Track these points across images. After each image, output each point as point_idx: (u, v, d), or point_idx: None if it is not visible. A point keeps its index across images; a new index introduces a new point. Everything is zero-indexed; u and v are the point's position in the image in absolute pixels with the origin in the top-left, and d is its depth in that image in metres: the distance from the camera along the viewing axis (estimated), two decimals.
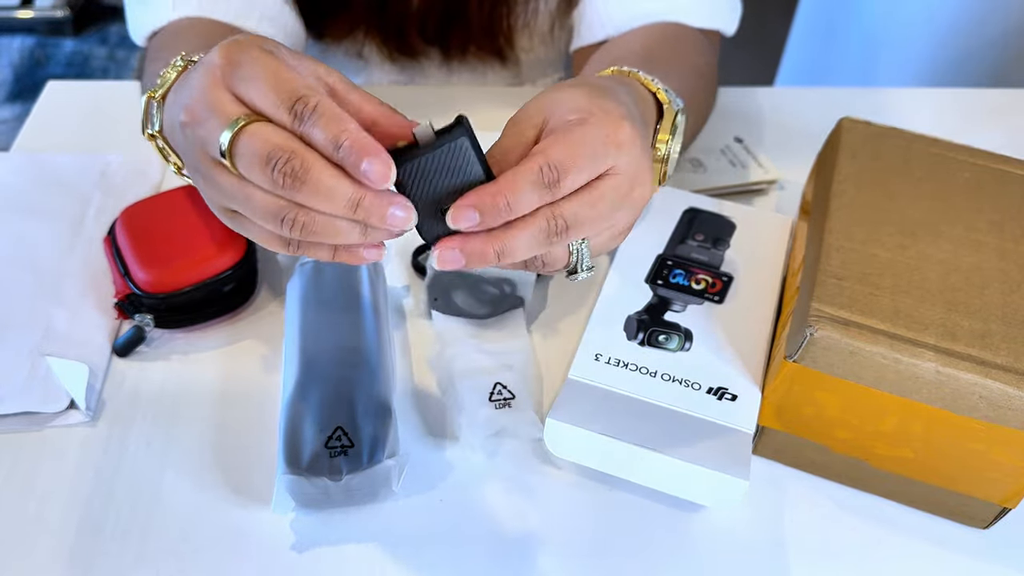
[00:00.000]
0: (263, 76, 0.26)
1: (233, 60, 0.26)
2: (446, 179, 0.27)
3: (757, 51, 1.22)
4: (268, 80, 0.26)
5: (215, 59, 0.27)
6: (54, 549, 0.33)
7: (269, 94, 0.26)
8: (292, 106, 0.25)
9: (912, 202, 0.38)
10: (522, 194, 0.26)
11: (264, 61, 0.26)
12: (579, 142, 0.27)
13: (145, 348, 0.41)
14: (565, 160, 0.27)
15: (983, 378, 0.31)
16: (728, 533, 0.35)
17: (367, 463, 0.34)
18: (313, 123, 0.25)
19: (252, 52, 0.26)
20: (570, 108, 0.29)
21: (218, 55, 0.27)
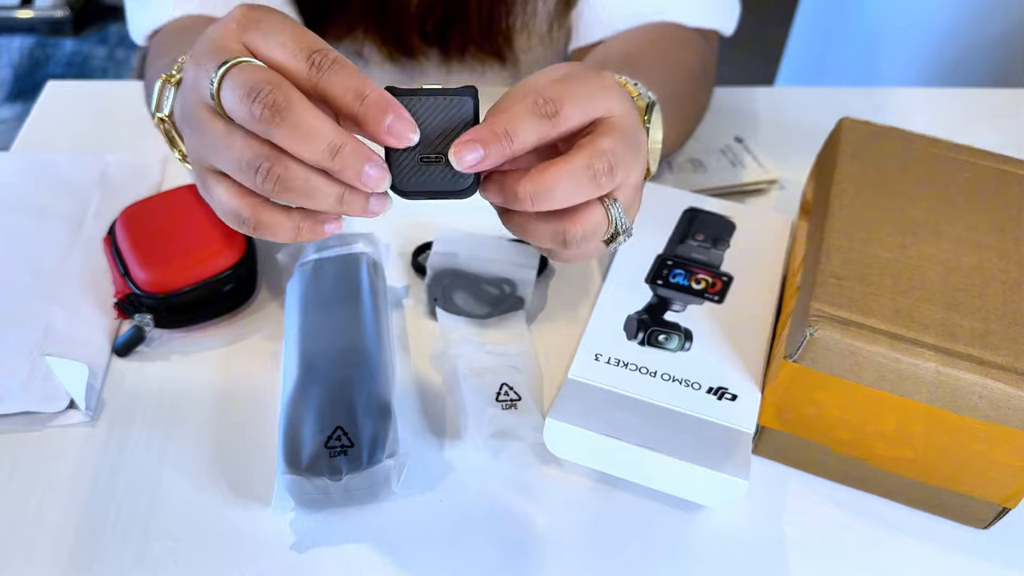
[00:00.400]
0: (282, 28, 0.26)
1: (252, 16, 0.26)
2: (440, 127, 0.27)
3: (757, 51, 1.22)
4: (287, 31, 0.26)
5: (233, 14, 0.27)
6: (54, 549, 0.33)
7: (288, 43, 0.26)
8: (309, 55, 0.25)
9: (912, 202, 0.38)
10: (519, 121, 0.26)
11: (283, 17, 0.26)
12: (569, 81, 0.27)
13: (145, 348, 0.41)
14: (557, 94, 0.27)
15: (983, 378, 0.31)
16: (728, 533, 0.35)
17: (367, 463, 0.34)
18: (335, 72, 0.25)
19: (271, 11, 0.26)
20: (551, 72, 0.29)
21: (237, 10, 0.27)
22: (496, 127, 0.26)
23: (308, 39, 0.26)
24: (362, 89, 0.25)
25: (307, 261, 0.42)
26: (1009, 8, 0.83)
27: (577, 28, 0.52)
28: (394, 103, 0.25)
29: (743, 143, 0.53)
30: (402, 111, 0.25)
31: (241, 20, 0.27)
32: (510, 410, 0.37)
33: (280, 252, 0.45)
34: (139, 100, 0.55)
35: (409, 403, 0.39)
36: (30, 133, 0.53)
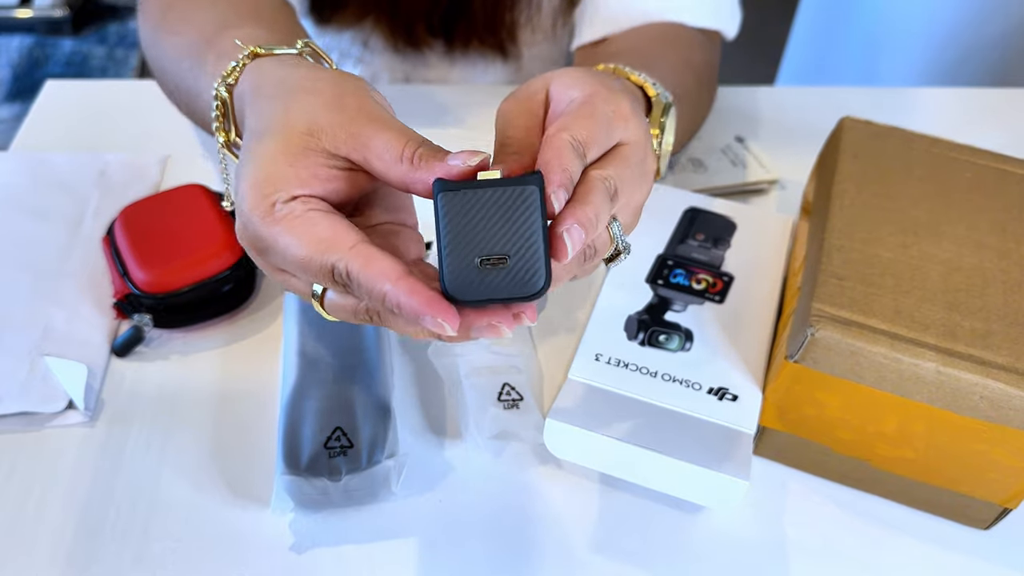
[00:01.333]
0: (287, 261, 0.25)
1: (256, 246, 0.26)
2: (500, 223, 0.24)
3: (758, 50, 1.21)
4: (292, 264, 0.25)
5: (241, 241, 0.27)
6: (52, 549, 0.33)
7: (306, 277, 0.26)
8: (333, 279, 0.25)
9: (913, 202, 0.38)
10: (575, 170, 0.25)
11: (277, 243, 0.25)
12: (592, 115, 0.27)
13: (144, 348, 0.41)
14: (586, 135, 0.26)
15: (984, 378, 0.31)
16: (729, 534, 0.35)
17: (366, 464, 0.34)
18: (358, 292, 0.25)
19: (261, 232, 0.25)
20: (571, 81, 0.28)
21: (240, 238, 0.27)
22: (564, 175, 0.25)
23: (316, 263, 0.24)
24: (385, 302, 0.24)
25: None
26: (1010, 7, 0.83)
27: (581, 25, 0.52)
28: (416, 307, 0.23)
29: (744, 143, 0.53)
30: (429, 308, 0.23)
31: (255, 252, 0.27)
32: (512, 410, 0.37)
33: None
34: (138, 99, 0.55)
35: (409, 403, 0.39)
36: (29, 133, 0.52)
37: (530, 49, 0.57)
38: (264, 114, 0.27)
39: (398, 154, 0.25)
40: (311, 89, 0.27)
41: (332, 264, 0.24)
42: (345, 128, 0.26)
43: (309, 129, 0.26)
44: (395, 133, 0.25)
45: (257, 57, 0.31)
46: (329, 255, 0.24)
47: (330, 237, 0.24)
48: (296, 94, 0.27)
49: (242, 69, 0.30)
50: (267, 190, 0.25)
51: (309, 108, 0.26)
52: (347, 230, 0.25)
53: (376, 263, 0.24)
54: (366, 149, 0.25)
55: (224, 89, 0.30)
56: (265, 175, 0.25)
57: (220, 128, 0.31)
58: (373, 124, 0.26)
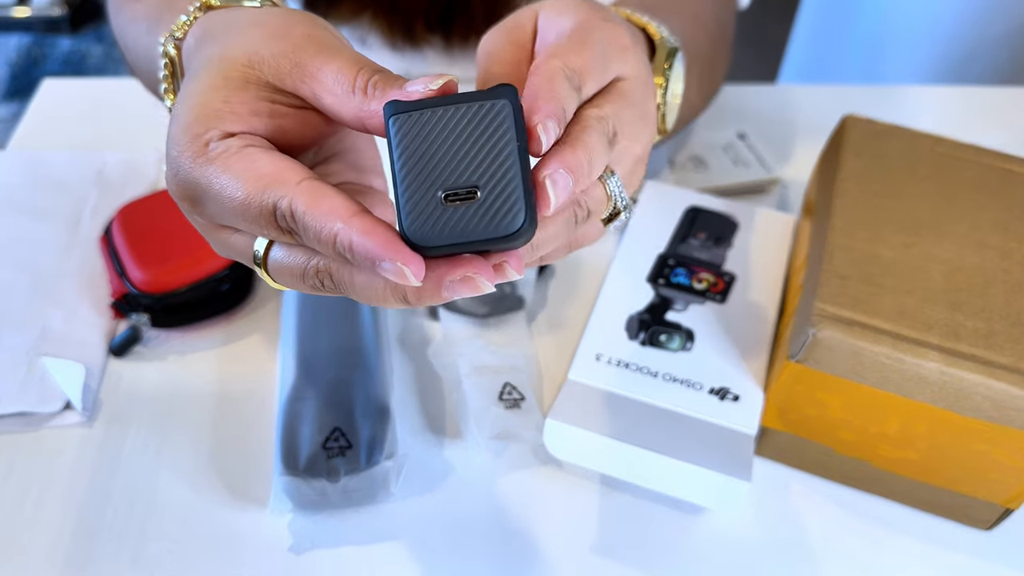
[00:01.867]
0: (223, 208, 0.21)
1: (188, 196, 0.22)
2: (467, 148, 0.20)
3: (759, 49, 1.21)
4: (229, 211, 0.21)
5: (171, 194, 0.23)
6: (49, 550, 0.33)
7: (245, 225, 0.22)
8: (276, 224, 0.21)
9: (916, 201, 0.38)
10: (568, 103, 0.22)
11: (212, 186, 0.21)
12: (585, 42, 0.23)
13: (141, 348, 0.40)
14: (580, 63, 0.23)
15: (987, 378, 0.31)
16: (730, 535, 0.35)
17: (365, 464, 0.33)
18: (304, 236, 0.21)
19: (193, 175, 0.21)
20: (562, 7, 0.25)
21: (171, 189, 0.23)
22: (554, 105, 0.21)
23: (253, 208, 0.21)
24: (334, 244, 0.20)
25: None
26: (1016, 6, 0.83)
27: None
28: (372, 250, 0.19)
29: (745, 139, 0.53)
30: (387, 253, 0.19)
31: (187, 207, 0.23)
32: (513, 409, 0.37)
33: None
34: (136, 98, 0.54)
35: (408, 404, 0.39)
36: (26, 131, 0.52)
37: None
38: (206, 52, 0.24)
39: (350, 84, 0.21)
40: (256, 22, 0.23)
41: (274, 203, 0.20)
42: (290, 57, 0.22)
43: (249, 60, 0.22)
44: (346, 61, 0.22)
45: (210, 9, 0.27)
46: (270, 192, 0.20)
47: (272, 172, 0.21)
48: (240, 28, 0.23)
49: (192, 22, 0.26)
50: (198, 129, 0.21)
51: (251, 39, 0.23)
52: (293, 166, 0.21)
53: (326, 200, 0.20)
54: (314, 81, 0.22)
55: (172, 46, 0.27)
56: (197, 113, 0.22)
57: (169, 90, 0.27)
58: (322, 53, 0.22)
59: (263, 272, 0.23)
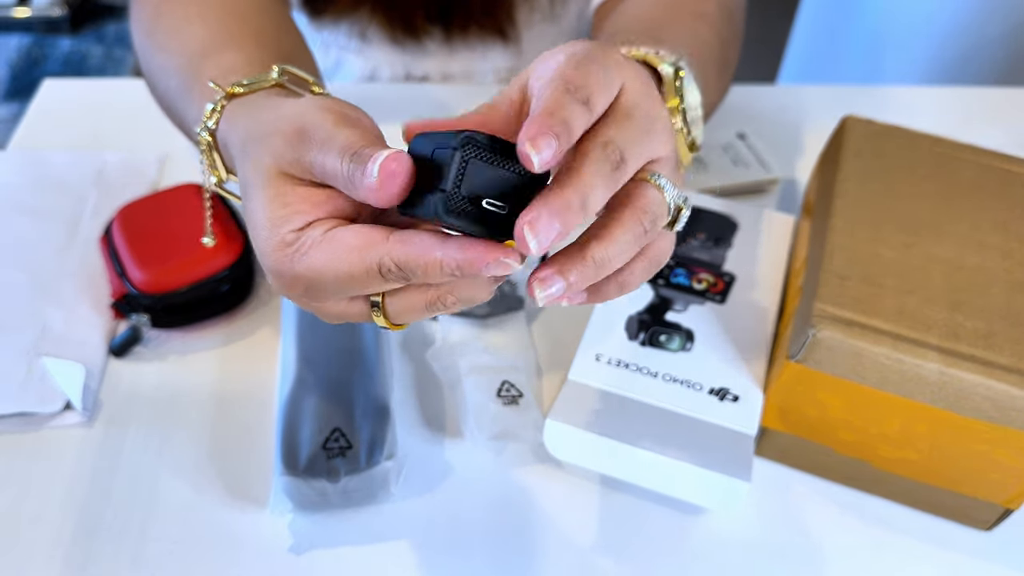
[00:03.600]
0: (336, 286, 0.24)
1: (304, 288, 0.25)
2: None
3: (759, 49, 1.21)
4: (341, 287, 0.24)
5: (289, 296, 0.26)
6: (50, 550, 0.33)
7: (358, 292, 0.25)
8: (383, 277, 0.24)
9: (916, 201, 0.38)
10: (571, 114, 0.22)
11: (318, 273, 0.24)
12: (584, 60, 0.24)
13: (142, 348, 0.40)
14: (582, 78, 0.23)
15: (987, 379, 0.31)
16: (730, 535, 0.35)
17: (365, 465, 0.33)
18: (414, 278, 0.24)
19: (296, 271, 0.24)
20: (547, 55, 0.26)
21: (287, 293, 0.26)
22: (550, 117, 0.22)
23: (346, 278, 0.24)
24: (446, 268, 0.23)
25: None
26: (1015, 6, 0.83)
27: None
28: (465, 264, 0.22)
29: (745, 139, 0.53)
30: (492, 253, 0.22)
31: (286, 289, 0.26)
32: (512, 406, 0.37)
33: None
34: (137, 99, 0.54)
35: (408, 404, 0.39)
36: (26, 132, 0.52)
37: (529, 31, 0.56)
38: (244, 173, 0.27)
39: (343, 180, 0.24)
40: (273, 130, 0.26)
41: (377, 263, 0.23)
42: (304, 159, 0.25)
43: (280, 169, 0.26)
44: (336, 154, 0.24)
45: (234, 97, 0.31)
46: (368, 257, 0.24)
47: (359, 241, 0.24)
48: (262, 141, 0.27)
49: (220, 111, 0.31)
50: (277, 236, 0.25)
51: (274, 149, 0.26)
52: (372, 228, 0.24)
53: (415, 240, 0.23)
54: (325, 177, 0.25)
55: (206, 134, 0.31)
56: (270, 226, 0.25)
57: (211, 169, 0.31)
58: (322, 148, 0.25)
59: (385, 322, 0.26)
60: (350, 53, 0.58)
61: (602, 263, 0.24)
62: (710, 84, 0.39)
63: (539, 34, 0.57)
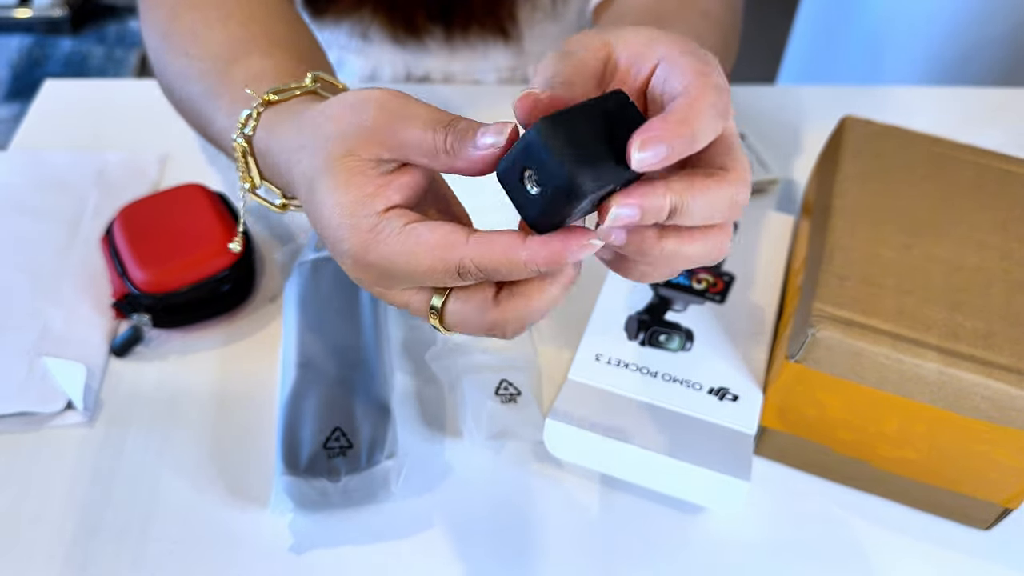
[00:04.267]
0: (413, 276, 0.25)
1: (377, 276, 0.25)
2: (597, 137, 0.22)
3: (758, 49, 1.21)
4: (418, 277, 0.25)
5: (362, 282, 0.26)
6: (51, 550, 0.33)
7: (433, 283, 0.25)
8: (462, 277, 0.24)
9: (915, 201, 0.38)
10: (708, 122, 0.23)
11: (395, 262, 0.24)
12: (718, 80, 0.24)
13: (143, 348, 0.41)
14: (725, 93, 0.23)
15: (986, 379, 0.31)
16: (729, 534, 0.35)
17: (366, 464, 0.33)
18: (494, 277, 0.24)
19: (371, 258, 0.25)
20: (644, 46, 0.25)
21: (361, 278, 0.26)
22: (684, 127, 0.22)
23: (438, 269, 0.24)
24: (530, 268, 0.23)
25: (305, 261, 0.41)
26: (1013, 6, 0.83)
27: None
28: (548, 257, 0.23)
29: (745, 140, 0.53)
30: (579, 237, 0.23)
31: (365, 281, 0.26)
32: (509, 404, 0.37)
33: (278, 252, 0.44)
34: (137, 99, 0.54)
35: (409, 404, 0.39)
36: (28, 132, 0.52)
37: (531, 29, 0.56)
38: (302, 167, 0.27)
39: (429, 148, 0.24)
40: (325, 120, 0.27)
41: (457, 263, 0.24)
42: (376, 134, 0.25)
43: (347, 151, 0.25)
44: (419, 128, 0.25)
45: (270, 105, 0.31)
46: (449, 257, 0.24)
47: (439, 240, 0.24)
48: (316, 135, 0.27)
49: (257, 118, 0.31)
50: (353, 220, 0.25)
51: (334, 135, 0.26)
52: (453, 228, 0.24)
53: (495, 241, 0.24)
54: (403, 150, 0.25)
55: (243, 140, 0.31)
56: (343, 211, 0.25)
57: (244, 175, 0.32)
58: (396, 121, 0.25)
59: (437, 322, 0.26)
60: (351, 53, 0.58)
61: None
62: None
63: (540, 32, 0.57)
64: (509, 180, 0.23)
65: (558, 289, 0.25)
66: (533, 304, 0.25)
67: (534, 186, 0.22)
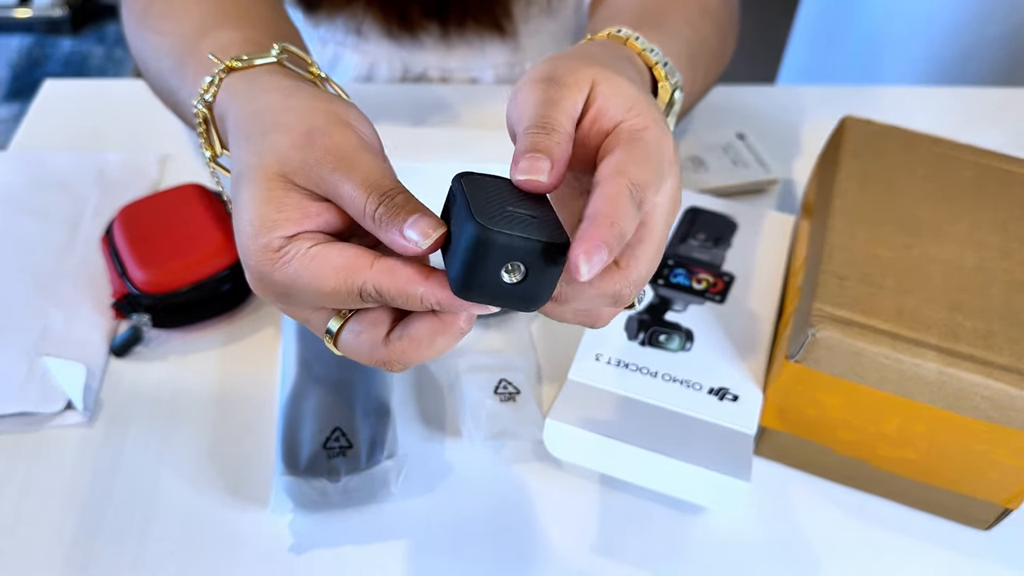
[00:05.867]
0: (313, 298, 0.25)
1: (276, 293, 0.26)
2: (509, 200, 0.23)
3: (758, 50, 1.21)
4: (319, 299, 0.25)
5: (260, 294, 0.26)
6: (51, 550, 0.33)
7: (334, 306, 0.26)
8: (363, 299, 0.25)
9: (915, 201, 0.38)
10: (629, 225, 0.23)
11: (296, 285, 0.25)
12: (651, 159, 0.25)
13: (143, 348, 0.41)
14: (647, 182, 0.24)
15: (986, 379, 0.31)
16: (730, 534, 0.35)
17: (366, 464, 0.34)
18: (392, 303, 0.25)
19: (275, 279, 0.25)
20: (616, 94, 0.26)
21: (259, 292, 0.26)
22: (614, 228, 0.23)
23: (341, 291, 0.24)
24: (425, 303, 0.24)
25: None
26: (1013, 6, 0.83)
27: None
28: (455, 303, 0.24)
29: (745, 140, 0.53)
30: (470, 308, 0.24)
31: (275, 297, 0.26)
32: (508, 402, 0.37)
33: None
34: (138, 100, 0.54)
35: (408, 403, 0.39)
36: (28, 132, 0.52)
37: (526, 24, 0.56)
38: (240, 159, 0.27)
39: (360, 211, 0.25)
40: (279, 124, 0.27)
41: (359, 286, 0.25)
42: (314, 171, 0.25)
43: (282, 170, 0.26)
44: (356, 185, 0.25)
45: (232, 71, 0.30)
46: (353, 279, 0.25)
47: (345, 263, 0.25)
48: (266, 134, 0.27)
49: (219, 84, 0.30)
50: (264, 240, 0.25)
51: (279, 149, 0.26)
52: (359, 252, 0.25)
53: (400, 271, 0.24)
54: (336, 196, 0.25)
55: (203, 106, 0.31)
56: (258, 225, 0.25)
57: (205, 144, 0.31)
58: (339, 170, 0.25)
59: (331, 344, 0.27)
60: (347, 49, 0.58)
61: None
62: (697, 82, 0.39)
63: (536, 28, 0.57)
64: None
65: (446, 340, 0.25)
66: (421, 350, 0.25)
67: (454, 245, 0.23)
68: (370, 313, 0.26)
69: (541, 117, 0.25)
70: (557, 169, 0.24)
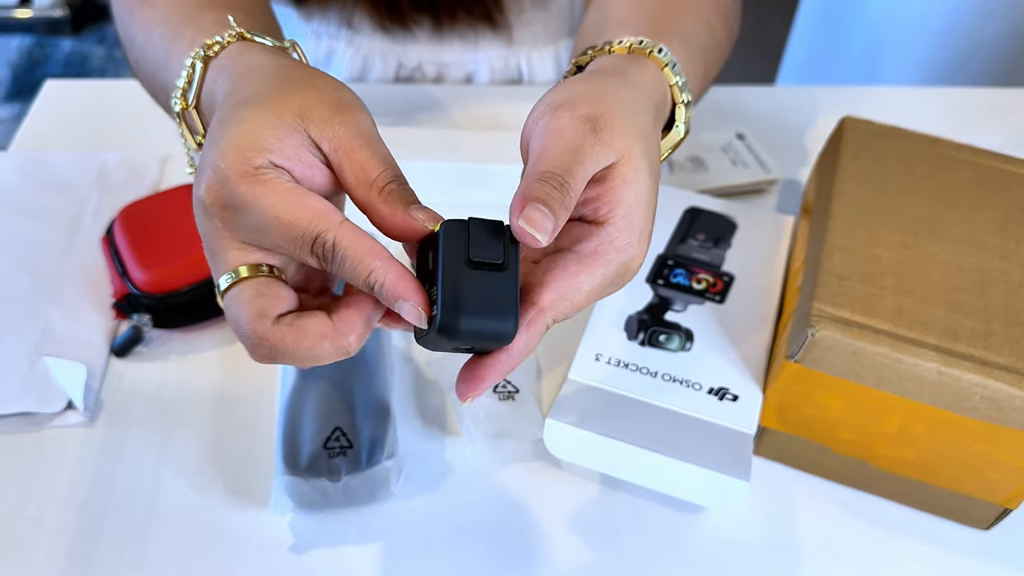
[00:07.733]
0: (266, 223, 0.24)
1: (226, 204, 0.24)
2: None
3: (758, 50, 1.21)
4: (273, 227, 0.24)
5: (204, 199, 0.25)
6: (52, 550, 0.33)
7: (281, 243, 0.24)
8: (312, 249, 0.24)
9: (914, 201, 0.38)
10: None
11: (259, 203, 0.24)
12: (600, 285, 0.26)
13: (143, 348, 0.41)
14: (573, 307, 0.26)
15: (985, 378, 0.31)
16: (729, 534, 0.35)
17: (366, 464, 0.34)
18: (339, 266, 0.24)
19: (239, 189, 0.24)
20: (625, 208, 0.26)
21: (205, 195, 0.25)
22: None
23: (296, 228, 0.24)
24: (368, 280, 0.24)
25: None
26: (1012, 7, 0.83)
27: None
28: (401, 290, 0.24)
29: (744, 140, 0.53)
30: (411, 295, 0.24)
31: (220, 213, 0.25)
32: (507, 401, 0.37)
33: None
34: (138, 100, 0.54)
35: (409, 403, 0.39)
36: (28, 133, 0.52)
37: (519, 17, 0.56)
38: (255, 86, 0.26)
39: (370, 178, 0.25)
40: (312, 83, 0.26)
41: (320, 233, 0.24)
42: (335, 128, 0.25)
43: (301, 112, 0.25)
44: (376, 157, 0.25)
45: (244, 39, 0.30)
46: (317, 224, 0.24)
47: (320, 208, 0.24)
48: (295, 82, 0.26)
49: (226, 45, 0.30)
50: (250, 153, 0.24)
51: (306, 96, 0.26)
52: (336, 208, 0.25)
53: (366, 241, 0.24)
54: (345, 158, 0.25)
55: (200, 60, 0.29)
56: (251, 138, 0.24)
57: (182, 94, 0.30)
58: (360, 138, 0.25)
59: (228, 288, 0.25)
60: (340, 42, 0.57)
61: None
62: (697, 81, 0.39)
63: (528, 20, 0.56)
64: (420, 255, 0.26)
65: (329, 349, 0.24)
66: (301, 346, 0.24)
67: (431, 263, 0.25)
68: (281, 287, 0.25)
69: (566, 170, 0.25)
70: (556, 233, 0.24)
